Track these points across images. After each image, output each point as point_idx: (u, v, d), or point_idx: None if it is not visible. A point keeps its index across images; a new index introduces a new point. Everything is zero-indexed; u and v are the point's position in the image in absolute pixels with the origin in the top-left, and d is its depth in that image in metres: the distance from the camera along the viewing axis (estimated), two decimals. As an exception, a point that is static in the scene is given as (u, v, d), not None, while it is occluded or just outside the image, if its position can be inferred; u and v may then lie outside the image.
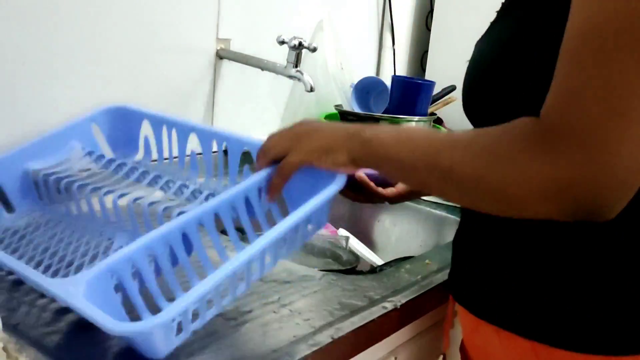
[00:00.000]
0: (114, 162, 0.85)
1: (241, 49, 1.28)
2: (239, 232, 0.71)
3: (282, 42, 1.20)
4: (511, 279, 0.66)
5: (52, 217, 0.84)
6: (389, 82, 1.41)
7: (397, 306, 0.77)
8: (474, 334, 0.73)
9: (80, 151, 0.89)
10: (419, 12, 1.84)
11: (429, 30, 1.80)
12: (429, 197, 1.28)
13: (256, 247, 0.62)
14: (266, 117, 1.40)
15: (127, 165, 0.84)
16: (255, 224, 0.72)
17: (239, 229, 0.70)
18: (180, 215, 0.68)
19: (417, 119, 1.32)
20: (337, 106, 1.41)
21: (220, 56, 1.26)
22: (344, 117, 1.36)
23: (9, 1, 0.92)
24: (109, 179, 0.82)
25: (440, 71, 1.71)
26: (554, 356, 0.63)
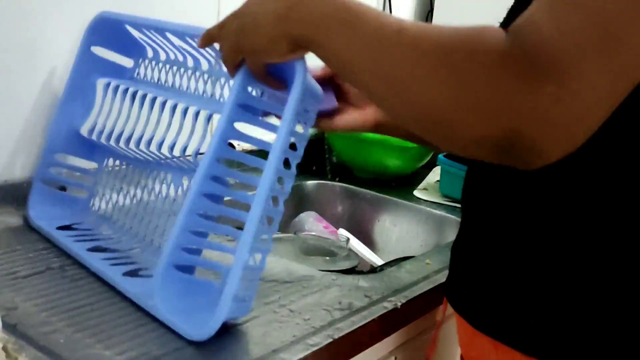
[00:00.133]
0: (137, 92, 0.85)
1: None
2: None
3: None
4: (511, 289, 0.63)
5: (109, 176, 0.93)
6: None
7: (397, 306, 0.77)
8: (470, 345, 0.70)
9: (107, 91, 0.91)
10: (419, 12, 1.84)
11: (429, 30, 1.80)
12: (428, 197, 1.28)
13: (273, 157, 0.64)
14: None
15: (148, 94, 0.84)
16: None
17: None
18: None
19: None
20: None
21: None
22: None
23: None
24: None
25: (440, 71, 1.70)
26: None
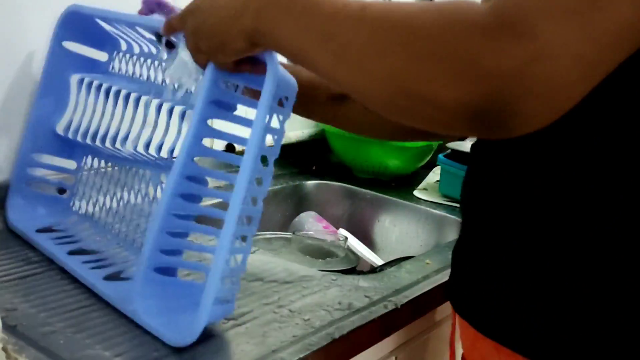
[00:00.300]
0: (111, 88, 0.83)
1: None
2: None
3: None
4: (515, 292, 0.61)
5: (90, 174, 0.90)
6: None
7: (397, 306, 0.77)
8: (473, 348, 0.68)
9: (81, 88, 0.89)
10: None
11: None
12: (428, 197, 1.28)
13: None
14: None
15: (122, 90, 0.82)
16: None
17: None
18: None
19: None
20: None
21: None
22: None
23: None
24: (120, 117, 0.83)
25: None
26: None
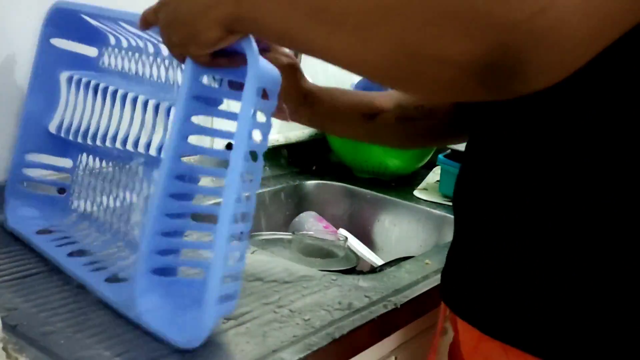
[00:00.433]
0: (99, 85, 0.82)
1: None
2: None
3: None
4: (519, 290, 0.59)
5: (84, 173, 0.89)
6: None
7: (397, 306, 0.77)
8: (475, 351, 0.65)
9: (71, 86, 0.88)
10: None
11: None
12: (428, 197, 1.28)
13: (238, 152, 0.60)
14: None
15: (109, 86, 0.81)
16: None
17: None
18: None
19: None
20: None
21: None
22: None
23: None
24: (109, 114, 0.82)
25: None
26: None
